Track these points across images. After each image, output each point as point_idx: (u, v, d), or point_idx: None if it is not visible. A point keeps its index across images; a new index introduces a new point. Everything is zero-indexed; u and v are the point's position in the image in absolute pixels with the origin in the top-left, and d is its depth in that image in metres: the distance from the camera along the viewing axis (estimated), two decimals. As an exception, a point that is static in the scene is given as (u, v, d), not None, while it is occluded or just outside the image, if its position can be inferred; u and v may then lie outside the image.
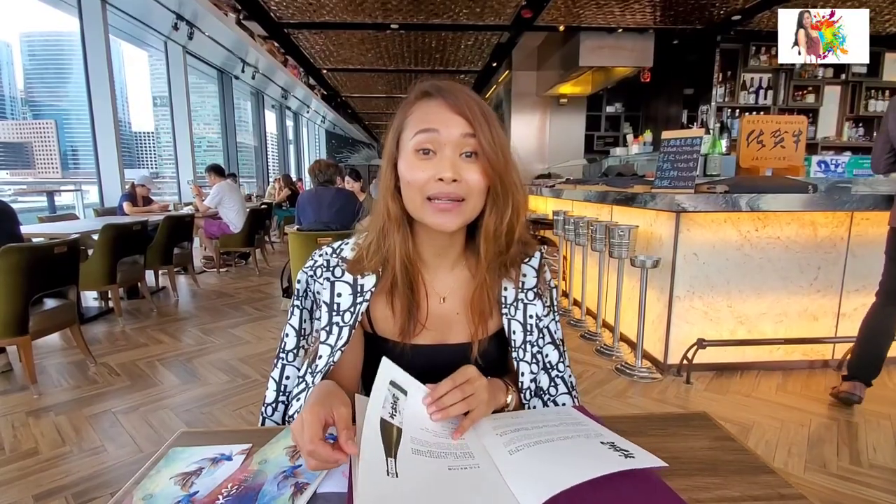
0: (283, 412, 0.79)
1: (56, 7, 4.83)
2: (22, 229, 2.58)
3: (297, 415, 0.55)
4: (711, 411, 0.74)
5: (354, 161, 17.24)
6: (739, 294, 2.45)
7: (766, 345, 2.49)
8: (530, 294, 0.77)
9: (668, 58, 5.95)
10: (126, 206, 4.61)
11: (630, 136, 5.83)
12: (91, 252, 3.22)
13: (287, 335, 0.79)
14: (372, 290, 0.72)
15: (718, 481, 0.56)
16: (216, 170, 5.31)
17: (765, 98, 5.94)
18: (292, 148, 12.65)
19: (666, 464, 0.54)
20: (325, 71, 8.08)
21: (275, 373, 0.79)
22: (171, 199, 6.22)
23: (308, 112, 12.61)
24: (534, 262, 0.79)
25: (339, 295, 0.73)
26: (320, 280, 0.75)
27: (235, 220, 5.16)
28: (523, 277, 0.77)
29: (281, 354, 0.79)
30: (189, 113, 6.49)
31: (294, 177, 10.38)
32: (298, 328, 0.79)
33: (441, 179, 0.63)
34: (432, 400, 0.61)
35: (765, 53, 5.79)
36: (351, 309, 0.72)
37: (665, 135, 2.60)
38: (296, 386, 0.75)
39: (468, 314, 0.74)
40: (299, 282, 0.78)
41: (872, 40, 2.63)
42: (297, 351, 0.79)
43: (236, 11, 5.53)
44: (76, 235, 2.52)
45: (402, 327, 0.72)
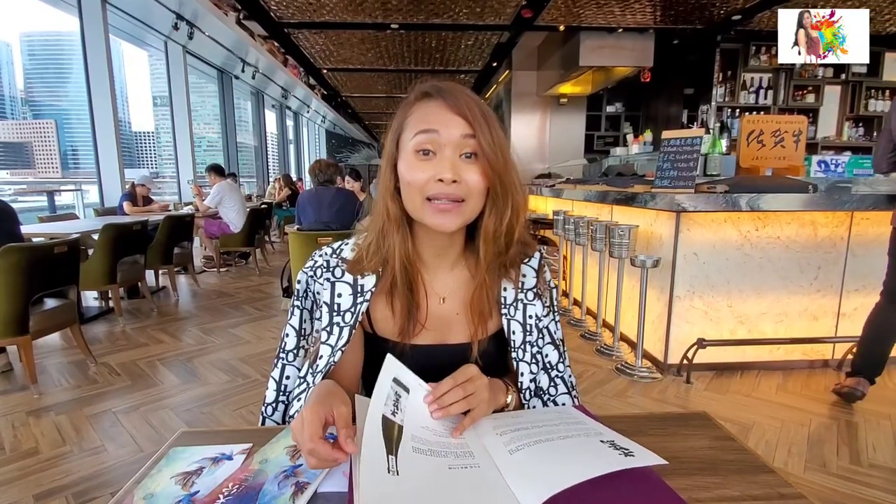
0: (284, 412, 0.79)
1: (56, 7, 4.84)
2: (22, 229, 2.58)
3: (298, 414, 0.55)
4: (711, 411, 0.75)
5: (354, 161, 17.24)
6: (739, 294, 2.45)
7: (767, 344, 2.49)
8: (530, 294, 0.77)
9: (669, 58, 5.95)
10: (126, 206, 4.61)
11: (630, 136, 5.82)
12: (91, 252, 3.22)
13: (287, 335, 0.79)
14: (372, 291, 0.73)
15: (718, 481, 0.56)
16: (216, 169, 5.31)
17: (765, 98, 5.94)
18: (292, 148, 12.65)
19: (665, 461, 0.54)
20: (325, 71, 8.08)
21: (275, 373, 0.79)
22: (172, 199, 6.22)
23: (308, 112, 12.61)
24: (533, 263, 0.79)
25: (340, 295, 0.73)
26: (320, 280, 0.75)
27: (235, 220, 5.16)
28: (523, 278, 0.77)
29: (281, 354, 0.79)
30: (189, 113, 6.49)
31: (294, 176, 10.39)
32: (298, 328, 0.79)
33: (441, 180, 0.64)
34: (433, 398, 0.61)
35: (765, 53, 5.79)
36: (351, 309, 0.72)
37: (665, 134, 2.60)
38: (297, 386, 0.75)
39: (468, 314, 0.74)
40: (299, 282, 0.78)
41: (872, 40, 2.63)
42: (297, 351, 0.79)
43: (236, 11, 5.53)
44: (76, 235, 2.52)
45: (402, 327, 0.73)
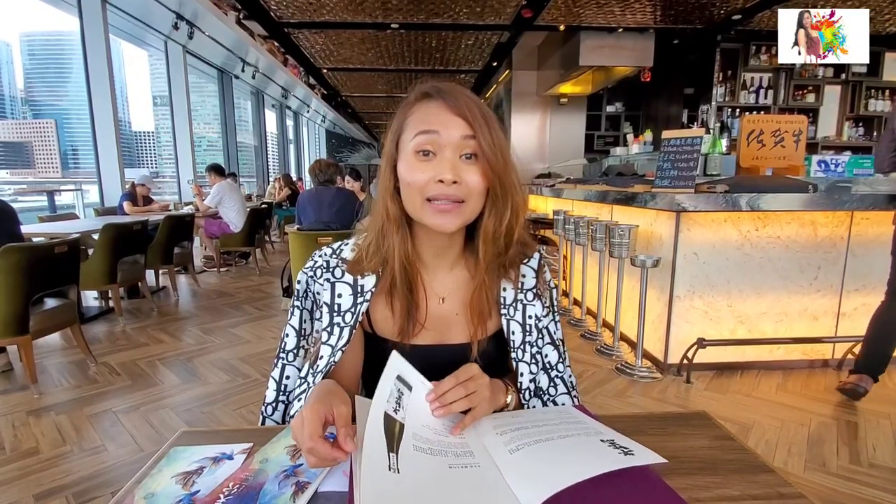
0: (284, 412, 0.79)
1: (56, 7, 4.83)
2: (22, 229, 2.58)
3: (298, 413, 0.55)
4: (711, 411, 0.75)
5: (355, 160, 17.25)
6: (739, 293, 2.45)
7: (767, 344, 2.49)
8: (529, 295, 0.77)
9: (669, 57, 5.95)
10: (126, 206, 4.61)
11: (630, 136, 5.81)
12: (91, 252, 3.22)
13: (287, 335, 0.79)
14: (372, 291, 0.73)
15: (718, 480, 0.56)
16: (216, 169, 5.31)
17: (765, 98, 5.94)
18: (292, 147, 12.65)
19: (665, 459, 0.54)
20: (326, 70, 8.08)
21: (275, 372, 0.79)
22: (172, 199, 6.22)
23: (308, 111, 12.61)
24: (533, 263, 0.79)
25: (340, 296, 0.73)
26: (320, 281, 0.75)
27: (236, 220, 5.16)
28: (522, 278, 0.77)
29: (281, 354, 0.79)
30: (189, 112, 6.49)
31: (294, 176, 10.38)
32: (298, 328, 0.79)
33: (441, 181, 0.64)
34: (435, 396, 0.61)
35: (765, 53, 5.79)
36: (351, 309, 0.72)
37: (665, 134, 2.60)
38: (297, 386, 0.75)
39: (467, 315, 0.74)
40: (299, 282, 0.78)
41: (872, 40, 2.64)
42: (297, 351, 0.79)
43: (236, 11, 5.53)
44: (76, 235, 2.52)
45: (402, 327, 0.73)
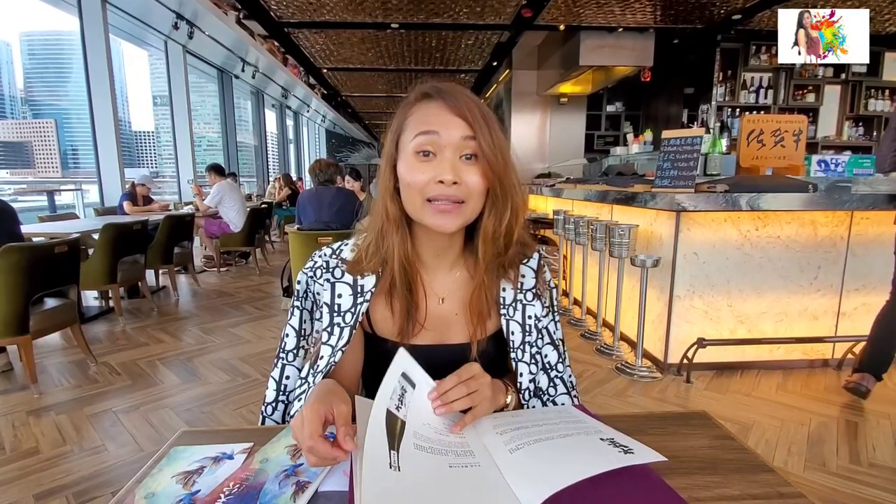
0: (283, 412, 0.79)
1: (56, 6, 4.83)
2: (22, 229, 2.58)
3: (298, 412, 0.55)
4: (711, 410, 0.75)
5: (355, 160, 17.26)
6: (739, 293, 2.45)
7: (767, 344, 2.49)
8: (529, 295, 0.77)
9: (669, 57, 5.95)
10: (126, 206, 4.61)
11: (630, 136, 5.81)
12: (91, 251, 3.22)
13: (287, 335, 0.79)
14: (372, 291, 0.73)
15: (718, 480, 0.56)
16: (216, 169, 5.31)
17: (765, 97, 5.94)
18: (292, 147, 12.65)
19: (665, 458, 0.54)
20: (326, 70, 8.07)
21: (275, 372, 0.79)
22: (172, 199, 6.22)
23: (308, 111, 12.61)
24: (532, 263, 0.79)
25: (340, 296, 0.73)
26: (320, 281, 0.75)
27: (236, 220, 5.16)
28: (522, 278, 0.77)
29: (281, 354, 0.79)
30: (189, 112, 6.49)
31: (294, 176, 10.39)
32: (298, 328, 0.79)
33: (441, 181, 0.64)
34: (437, 394, 0.61)
35: (765, 53, 5.79)
36: (351, 309, 0.73)
37: (665, 134, 2.60)
38: (297, 386, 0.75)
39: (467, 315, 0.74)
40: (299, 282, 0.78)
41: (872, 40, 2.64)
42: (297, 351, 0.79)
43: (236, 10, 5.53)
44: (76, 235, 2.52)
45: (402, 328, 0.73)
